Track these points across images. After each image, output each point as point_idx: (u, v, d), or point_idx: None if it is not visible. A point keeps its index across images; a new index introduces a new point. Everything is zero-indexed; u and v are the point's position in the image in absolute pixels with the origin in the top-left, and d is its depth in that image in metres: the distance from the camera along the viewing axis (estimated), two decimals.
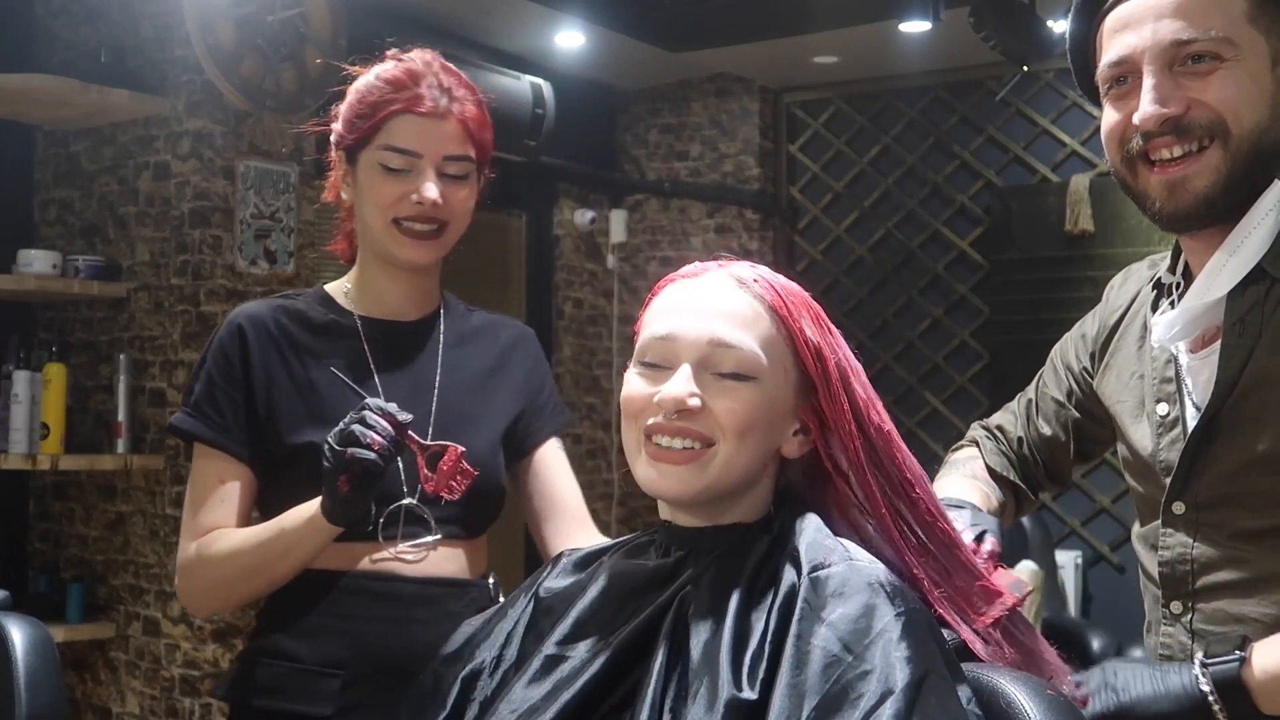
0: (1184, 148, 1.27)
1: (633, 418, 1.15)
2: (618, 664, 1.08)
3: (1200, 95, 1.26)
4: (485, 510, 1.69)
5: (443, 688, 1.19)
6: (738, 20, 4.60)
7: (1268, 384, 1.26)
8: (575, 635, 1.13)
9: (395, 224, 1.64)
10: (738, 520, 1.14)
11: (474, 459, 1.53)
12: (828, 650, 1.00)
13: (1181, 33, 1.25)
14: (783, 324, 1.13)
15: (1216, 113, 1.25)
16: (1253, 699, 1.16)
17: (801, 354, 1.13)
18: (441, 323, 1.75)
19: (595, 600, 1.15)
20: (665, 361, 1.13)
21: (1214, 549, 1.31)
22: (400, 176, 1.64)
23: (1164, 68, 1.26)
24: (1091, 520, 5.06)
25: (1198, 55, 1.26)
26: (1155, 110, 1.26)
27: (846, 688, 0.98)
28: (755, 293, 1.14)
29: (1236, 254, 1.29)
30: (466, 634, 1.25)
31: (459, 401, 1.68)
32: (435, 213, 1.65)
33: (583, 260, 5.65)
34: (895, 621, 1.01)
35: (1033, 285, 5.01)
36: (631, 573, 1.16)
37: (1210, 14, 1.25)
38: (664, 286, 1.19)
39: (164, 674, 3.61)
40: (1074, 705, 1.09)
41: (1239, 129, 1.26)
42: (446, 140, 1.66)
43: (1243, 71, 1.25)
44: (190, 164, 3.61)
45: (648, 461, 1.13)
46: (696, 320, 1.12)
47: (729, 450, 1.11)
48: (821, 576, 1.05)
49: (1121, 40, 1.29)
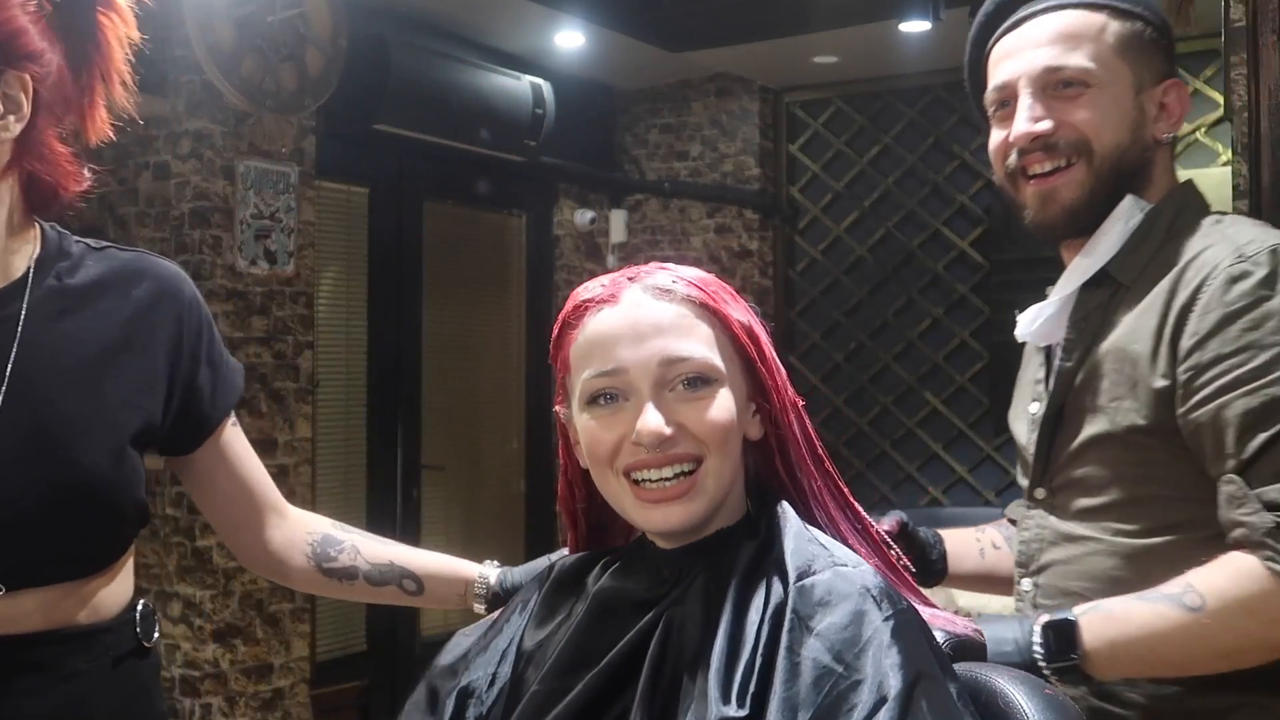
0: (1054, 163, 1.42)
1: (605, 464, 1.10)
2: (606, 684, 1.07)
3: (1068, 117, 1.40)
4: (104, 539, 1.28)
5: (439, 703, 1.18)
6: (738, 20, 4.60)
7: (1098, 376, 1.39)
8: (569, 669, 1.11)
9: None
10: (721, 526, 1.13)
11: (80, 476, 1.22)
12: (818, 661, 0.99)
13: (1053, 60, 1.40)
14: (714, 316, 1.12)
15: (1081, 133, 1.40)
16: (1079, 655, 1.25)
17: (738, 338, 1.12)
18: (31, 288, 1.26)
19: (588, 631, 1.13)
20: (622, 394, 1.09)
21: (1058, 528, 1.44)
22: None
23: (1038, 92, 1.41)
24: None
25: (1068, 81, 1.40)
26: (1027, 129, 1.41)
27: (839, 699, 0.97)
28: (680, 296, 1.11)
29: (1089, 257, 1.46)
30: (464, 646, 1.23)
31: (53, 401, 1.23)
32: None
33: (583, 260, 5.65)
34: (884, 626, 1.00)
35: (1033, 285, 4.99)
36: (622, 599, 1.14)
37: (1081, 46, 1.40)
38: (578, 313, 1.13)
39: (164, 674, 3.61)
40: (1073, 705, 1.09)
41: (1101, 148, 1.40)
42: None
43: (1107, 97, 1.40)
44: (190, 164, 3.61)
45: (641, 506, 1.09)
46: (637, 345, 1.09)
47: (717, 460, 1.09)
48: (808, 585, 1.04)
49: (1004, 67, 1.44)
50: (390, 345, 4.75)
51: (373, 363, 4.68)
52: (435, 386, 4.97)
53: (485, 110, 4.68)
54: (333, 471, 4.52)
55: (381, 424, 4.72)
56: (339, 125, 4.29)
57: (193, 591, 3.57)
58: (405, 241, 4.85)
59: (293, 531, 1.51)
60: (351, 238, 4.64)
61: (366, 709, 4.45)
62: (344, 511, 4.56)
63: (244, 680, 3.68)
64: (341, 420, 4.58)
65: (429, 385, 4.93)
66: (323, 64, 3.81)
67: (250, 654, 3.70)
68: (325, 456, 4.41)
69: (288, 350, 3.84)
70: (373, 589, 1.51)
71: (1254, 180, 2.53)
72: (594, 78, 5.56)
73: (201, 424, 1.38)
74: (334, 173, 4.39)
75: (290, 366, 3.85)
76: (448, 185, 5.07)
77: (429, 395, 4.92)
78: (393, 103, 4.36)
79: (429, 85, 4.49)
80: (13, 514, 1.20)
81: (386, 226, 4.76)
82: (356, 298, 4.65)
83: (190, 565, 3.57)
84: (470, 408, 5.24)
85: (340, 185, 4.55)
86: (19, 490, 1.20)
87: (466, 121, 4.65)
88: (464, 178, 5.12)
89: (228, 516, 1.47)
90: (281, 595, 3.79)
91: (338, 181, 4.51)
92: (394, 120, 4.42)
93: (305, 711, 3.87)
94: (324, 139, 4.11)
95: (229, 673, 3.64)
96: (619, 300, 1.11)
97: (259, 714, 3.72)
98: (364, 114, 4.34)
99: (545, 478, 5.46)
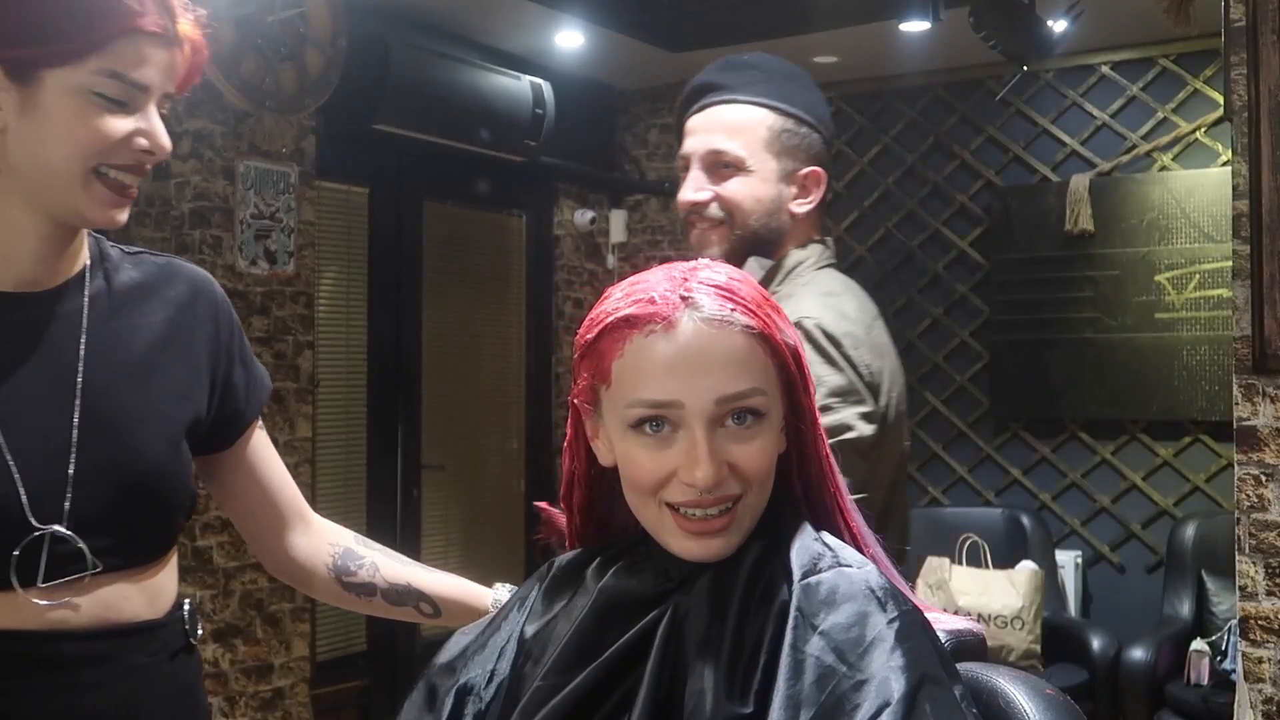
0: (707, 223, 1.78)
1: (648, 493, 1.09)
2: (609, 676, 1.07)
3: (721, 190, 1.77)
4: (163, 529, 1.34)
5: (438, 701, 1.18)
6: (738, 20, 4.60)
7: None
8: (573, 665, 1.11)
9: (95, 172, 1.25)
10: None
11: (145, 466, 1.28)
12: (821, 660, 0.99)
13: (718, 144, 1.76)
14: (766, 341, 1.11)
15: (729, 205, 1.76)
16: None
17: (787, 365, 1.12)
18: (88, 287, 1.32)
19: (592, 629, 1.13)
20: (670, 424, 1.08)
21: None
22: (118, 112, 1.24)
23: (704, 168, 1.77)
24: (1091, 520, 5.05)
25: (726, 163, 1.76)
26: (689, 198, 1.78)
27: (842, 699, 0.97)
28: (738, 326, 1.08)
29: None
30: (462, 644, 1.23)
31: (115, 393, 1.29)
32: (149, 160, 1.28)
33: (583, 260, 5.65)
34: (888, 629, 1.00)
35: (1033, 285, 5.01)
36: (629, 593, 1.14)
37: (740, 137, 1.76)
38: (626, 327, 1.09)
39: None
40: (1073, 705, 1.09)
41: (741, 217, 1.76)
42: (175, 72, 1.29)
43: (755, 179, 1.76)
44: (190, 164, 3.61)
45: (682, 536, 1.08)
46: (693, 379, 1.06)
47: (756, 496, 1.09)
48: (812, 583, 1.04)
49: (687, 142, 1.80)
50: (390, 345, 4.75)
51: (373, 363, 4.68)
52: (435, 386, 4.96)
53: (485, 110, 4.68)
54: (333, 471, 4.52)
55: (381, 424, 4.72)
56: (339, 125, 4.29)
57: (193, 591, 3.57)
58: (405, 241, 4.85)
59: (317, 541, 1.53)
60: (351, 238, 4.64)
61: (366, 709, 4.45)
62: (344, 511, 4.56)
63: (244, 680, 3.68)
64: (341, 420, 4.58)
65: (429, 385, 4.93)
66: (323, 64, 3.81)
67: (250, 654, 3.70)
68: (325, 456, 4.41)
69: (288, 350, 3.84)
70: (390, 607, 1.52)
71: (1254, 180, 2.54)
72: (594, 78, 5.56)
73: (236, 420, 1.43)
74: (334, 173, 4.39)
75: (290, 366, 3.85)
76: (448, 185, 5.07)
77: (429, 395, 4.92)
78: (393, 103, 4.36)
79: (429, 85, 4.49)
80: (90, 501, 1.25)
81: (386, 226, 4.76)
82: (356, 298, 4.65)
83: (190, 565, 3.57)
84: (470, 408, 5.24)
85: (340, 185, 4.55)
86: (95, 477, 1.25)
87: (466, 121, 4.65)
88: (464, 178, 5.12)
89: (254, 520, 1.50)
90: (281, 595, 3.79)
91: (338, 181, 4.51)
92: (394, 120, 4.42)
93: (305, 711, 3.87)
94: (324, 139, 4.11)
95: (229, 672, 3.64)
96: (675, 327, 1.08)
97: (259, 714, 3.72)
98: (364, 114, 4.34)
99: (545, 478, 5.46)
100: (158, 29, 1.24)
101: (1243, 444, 2.54)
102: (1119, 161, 4.99)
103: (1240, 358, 2.55)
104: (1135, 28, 4.68)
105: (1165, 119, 4.92)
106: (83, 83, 1.21)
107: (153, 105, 1.26)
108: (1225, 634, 4.25)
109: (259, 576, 3.72)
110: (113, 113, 1.23)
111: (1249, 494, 2.53)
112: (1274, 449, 2.51)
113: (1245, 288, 2.54)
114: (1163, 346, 4.82)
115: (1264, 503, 2.52)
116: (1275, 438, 2.51)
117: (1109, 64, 5.04)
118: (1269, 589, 2.50)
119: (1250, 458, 2.53)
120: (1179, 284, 4.81)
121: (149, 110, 1.25)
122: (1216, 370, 4.70)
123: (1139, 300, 4.87)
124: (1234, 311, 2.58)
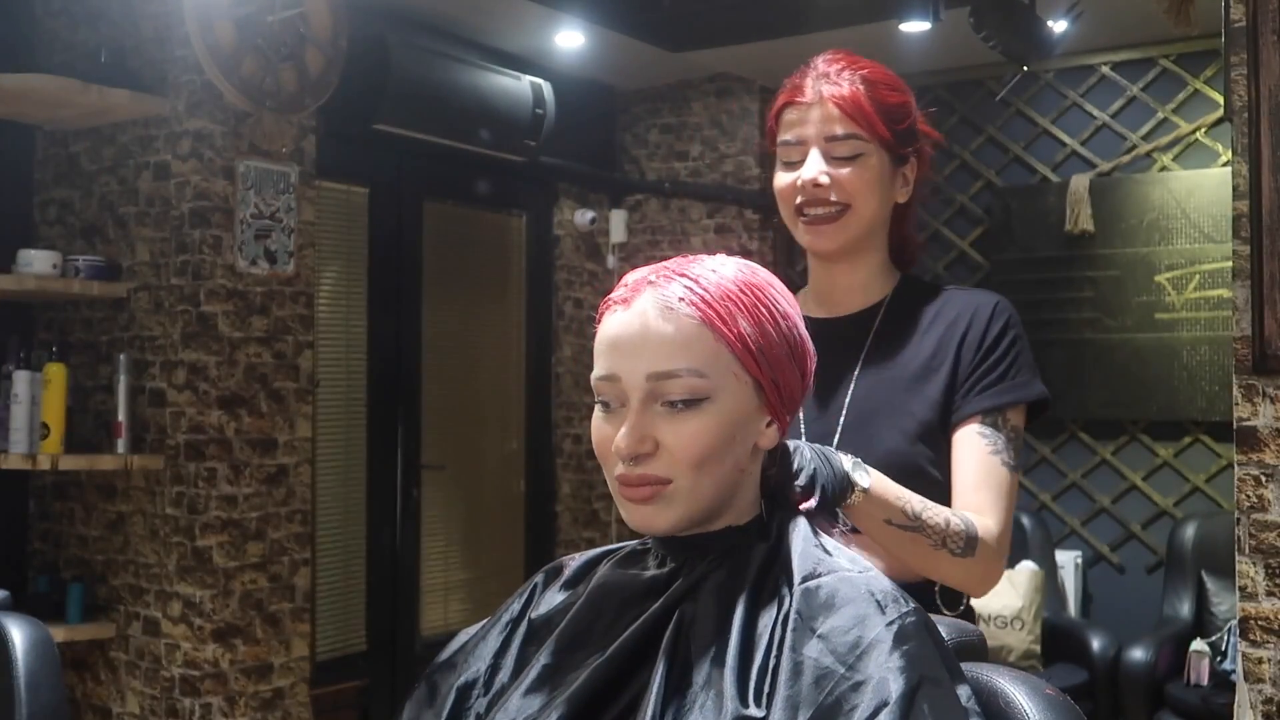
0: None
1: (603, 458, 1.15)
2: (616, 673, 1.08)
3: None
4: None
5: (439, 697, 1.19)
6: (738, 20, 4.60)
7: None
8: (573, 645, 1.12)
9: (799, 212, 1.69)
10: (729, 524, 1.14)
11: (885, 449, 1.52)
12: (819, 663, 1.00)
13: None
14: (719, 335, 1.12)
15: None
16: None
17: (743, 360, 1.12)
18: (883, 311, 1.67)
19: (592, 609, 1.15)
20: (615, 400, 1.12)
21: None
22: (793, 167, 1.71)
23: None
24: (1091, 520, 5.06)
25: None
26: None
27: (840, 700, 0.97)
28: (684, 314, 1.11)
29: None
30: (461, 642, 1.25)
31: (875, 394, 1.60)
32: (822, 194, 1.65)
33: (583, 260, 5.65)
34: (887, 631, 1.00)
35: (1033, 285, 5.01)
36: (627, 582, 1.15)
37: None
38: (608, 305, 1.16)
39: (164, 674, 3.61)
40: (1073, 705, 1.09)
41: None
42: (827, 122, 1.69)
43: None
44: (190, 164, 3.61)
45: (624, 502, 1.13)
46: (632, 356, 1.11)
47: (687, 484, 1.10)
48: (812, 587, 1.05)
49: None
50: (390, 345, 4.75)
51: (373, 363, 4.68)
52: (435, 386, 4.96)
53: (485, 110, 4.68)
54: (333, 471, 4.52)
55: (381, 424, 4.72)
56: (339, 125, 4.29)
57: (193, 591, 3.57)
58: (405, 241, 4.85)
59: None
60: (351, 238, 4.64)
61: (366, 709, 4.45)
62: (344, 511, 4.56)
63: (244, 680, 3.68)
64: (341, 420, 4.58)
65: (429, 385, 4.93)
66: (323, 64, 3.81)
67: (250, 654, 3.70)
68: (325, 456, 4.41)
69: (288, 350, 3.84)
70: None
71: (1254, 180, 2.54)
72: (594, 78, 5.56)
73: (950, 419, 1.59)
74: (334, 173, 4.39)
75: (290, 366, 3.85)
76: (448, 185, 5.07)
77: (429, 395, 4.92)
78: (393, 103, 4.36)
79: (429, 85, 4.49)
80: None
81: (386, 226, 4.76)
82: (356, 298, 4.65)
83: (190, 565, 3.57)
84: (470, 408, 5.24)
85: (340, 185, 4.55)
86: (877, 440, 1.55)
87: (466, 121, 4.65)
88: (464, 178, 5.12)
89: None
90: (281, 595, 3.79)
91: (338, 181, 4.51)
92: (394, 120, 4.42)
93: (305, 711, 3.87)
94: (324, 139, 4.11)
95: (229, 672, 3.64)
96: (630, 305, 1.13)
97: (259, 714, 3.72)
98: (364, 114, 4.34)
99: (545, 478, 5.46)
100: (806, 99, 1.83)
101: (1243, 444, 2.54)
102: (1119, 162, 5.00)
103: (1240, 358, 2.55)
104: (1135, 28, 4.69)
105: (1165, 119, 4.92)
106: None
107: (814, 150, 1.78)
108: (1225, 634, 4.25)
109: (259, 576, 3.72)
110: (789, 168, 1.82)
111: (1249, 494, 2.53)
112: (1274, 449, 2.51)
113: (1245, 288, 2.54)
114: (1163, 347, 4.83)
115: (1264, 503, 2.51)
116: (1275, 438, 2.51)
117: (1109, 64, 5.04)
118: (1269, 589, 2.50)
119: (1250, 458, 2.53)
120: (1179, 284, 4.81)
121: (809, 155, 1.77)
122: (1216, 370, 4.70)
123: (1139, 300, 4.87)
124: (1234, 312, 2.58)
